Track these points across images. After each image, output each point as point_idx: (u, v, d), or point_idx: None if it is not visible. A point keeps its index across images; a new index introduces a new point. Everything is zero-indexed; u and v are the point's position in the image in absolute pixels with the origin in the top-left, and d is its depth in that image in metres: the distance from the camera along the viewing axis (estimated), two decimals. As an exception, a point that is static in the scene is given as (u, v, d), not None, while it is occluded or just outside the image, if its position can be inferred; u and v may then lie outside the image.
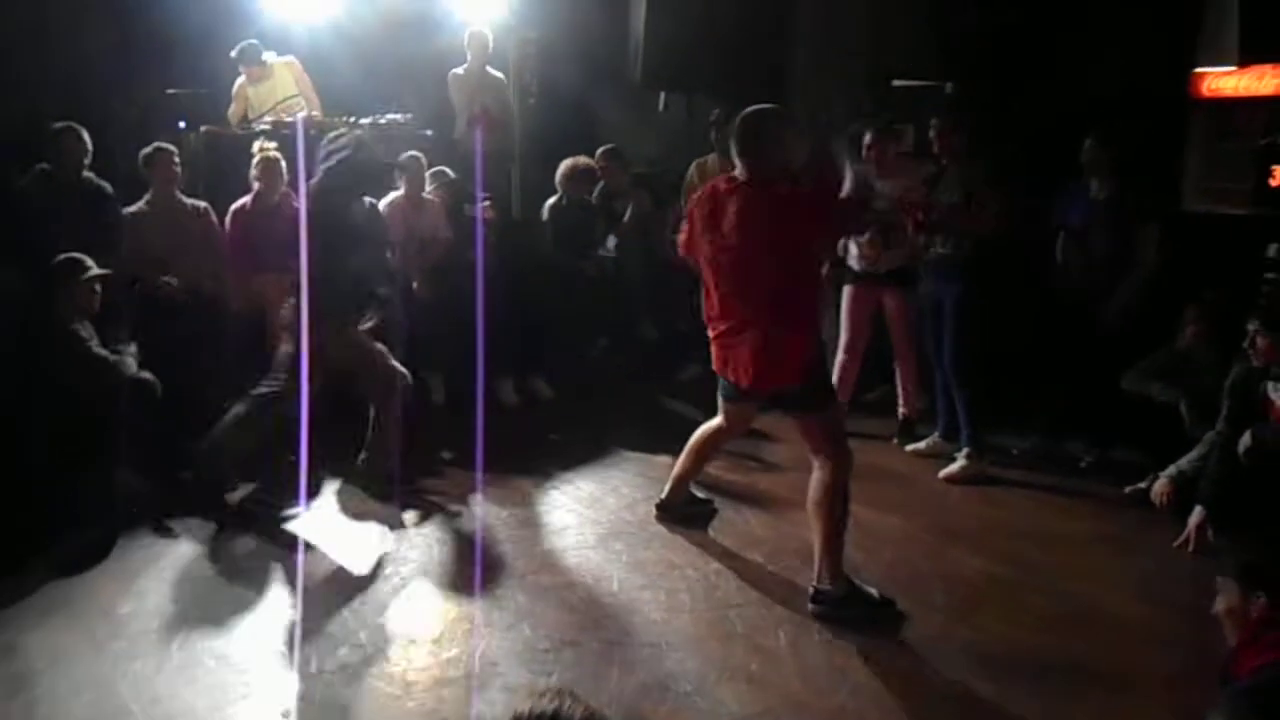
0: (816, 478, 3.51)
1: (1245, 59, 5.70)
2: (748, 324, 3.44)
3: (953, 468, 4.77)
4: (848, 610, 3.41)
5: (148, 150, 5.06)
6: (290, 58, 6.53)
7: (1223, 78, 6.43)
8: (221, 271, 5.14)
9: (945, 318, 4.79)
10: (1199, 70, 6.24)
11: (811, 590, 3.47)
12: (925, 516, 4.33)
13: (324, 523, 4.21)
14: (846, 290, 5.23)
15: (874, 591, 3.51)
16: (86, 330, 4.23)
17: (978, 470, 4.73)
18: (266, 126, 6.02)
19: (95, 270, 4.29)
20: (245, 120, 6.33)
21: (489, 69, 6.74)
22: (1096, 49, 6.11)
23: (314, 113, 6.37)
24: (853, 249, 5.20)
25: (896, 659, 3.19)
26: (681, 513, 4.20)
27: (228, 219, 5.19)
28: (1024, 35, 6.62)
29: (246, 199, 5.18)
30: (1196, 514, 3.92)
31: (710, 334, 3.62)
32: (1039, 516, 4.36)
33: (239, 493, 4.39)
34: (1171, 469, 4.19)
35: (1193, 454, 4.22)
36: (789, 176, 3.45)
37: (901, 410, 5.28)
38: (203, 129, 5.96)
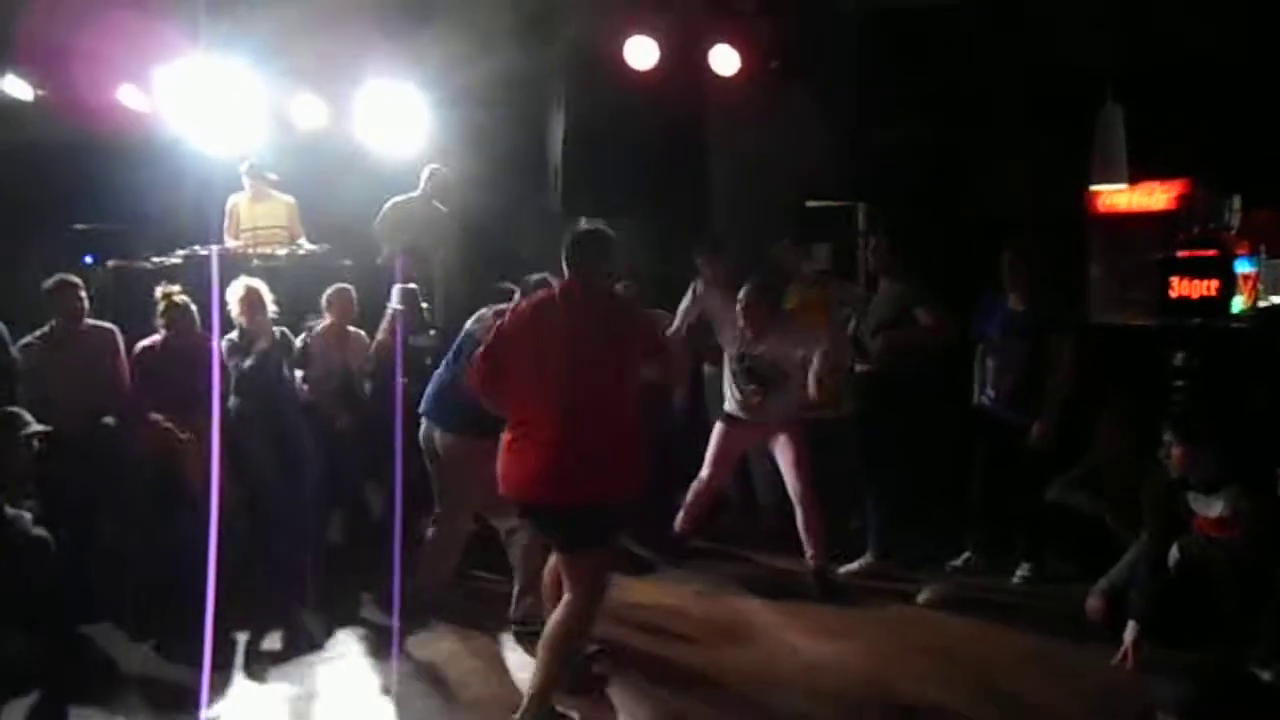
0: (562, 612, 3.39)
1: (1135, 177, 5.99)
2: (577, 435, 3.32)
3: (853, 565, 4.91)
4: None
5: (50, 283, 4.89)
6: (290, 198, 6.69)
7: (1116, 194, 6.77)
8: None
9: (869, 430, 4.78)
10: (1094, 188, 6.55)
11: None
12: (862, 641, 4.24)
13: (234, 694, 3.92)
14: (719, 427, 5.11)
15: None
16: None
17: (877, 569, 4.84)
18: (178, 260, 5.92)
19: (35, 427, 4.07)
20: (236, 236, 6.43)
21: (435, 203, 6.77)
22: (1001, 167, 6.37)
23: (298, 247, 6.43)
24: (728, 392, 5.06)
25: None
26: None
27: (133, 357, 4.99)
28: (931, 154, 6.92)
29: (155, 339, 5.01)
30: (1131, 629, 3.89)
31: (515, 444, 3.42)
32: (978, 637, 4.29)
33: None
34: (1102, 582, 4.20)
35: (1121, 563, 4.25)
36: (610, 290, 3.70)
37: (811, 560, 4.90)
38: (110, 263, 5.81)
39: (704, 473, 5.12)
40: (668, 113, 6.36)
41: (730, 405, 5.06)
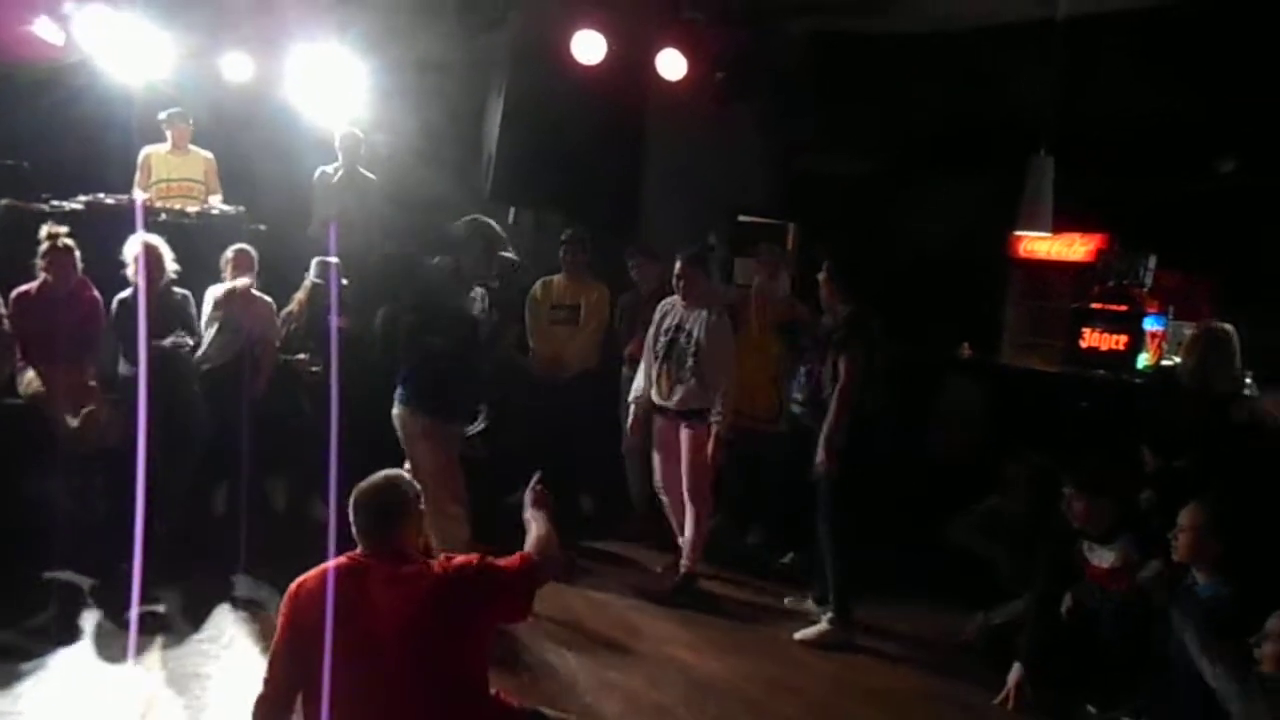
0: None
1: (1058, 227, 6.11)
2: None
3: (810, 631, 4.48)
4: None
5: None
6: (209, 154, 6.49)
7: (1037, 241, 6.92)
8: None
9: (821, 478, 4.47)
10: (1017, 233, 6.67)
11: None
12: (756, 665, 4.18)
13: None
14: (655, 422, 4.98)
15: None
16: None
17: (841, 638, 4.44)
18: (79, 206, 5.61)
19: None
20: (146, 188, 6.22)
21: (360, 169, 6.54)
22: (930, 205, 6.45)
23: (210, 207, 6.18)
24: (646, 382, 4.94)
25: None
26: None
27: (9, 301, 4.71)
28: (864, 184, 6.99)
29: (32, 285, 4.74)
30: (1016, 671, 3.92)
31: None
32: (868, 670, 4.26)
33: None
34: (981, 616, 4.35)
35: (1008, 606, 4.30)
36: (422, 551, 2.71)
37: (685, 562, 4.86)
38: (2, 202, 5.47)
39: (658, 479, 5.02)
40: (607, 111, 6.30)
41: (653, 394, 4.91)
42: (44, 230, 4.77)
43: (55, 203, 5.65)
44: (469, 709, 2.52)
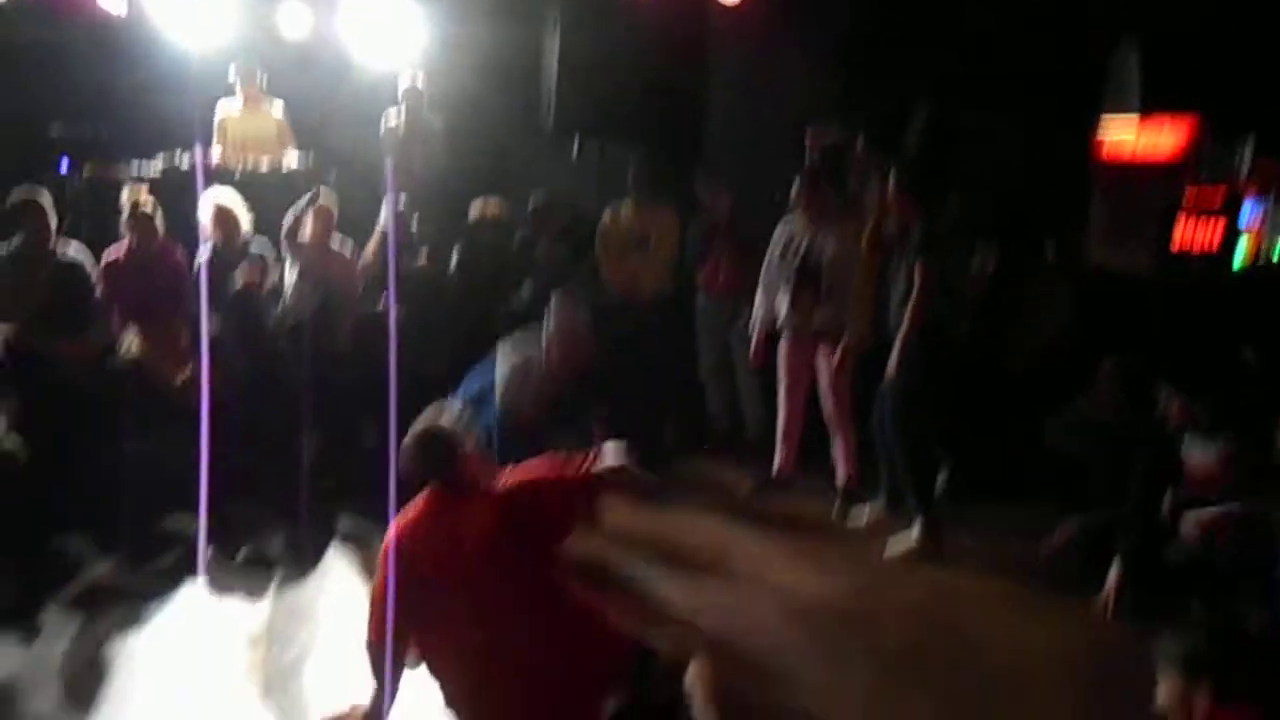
0: None
1: (1147, 109, 5.82)
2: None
3: (900, 543, 4.46)
4: None
5: (14, 200, 4.70)
6: (280, 109, 6.48)
7: (1123, 139, 6.61)
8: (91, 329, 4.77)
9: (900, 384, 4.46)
10: (1100, 136, 6.38)
11: None
12: (850, 579, 4.19)
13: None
14: (782, 341, 4.99)
15: None
16: None
17: (931, 548, 4.42)
18: (156, 175, 5.74)
19: None
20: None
21: (424, 114, 6.55)
22: (1005, 103, 6.20)
23: (283, 159, 6.25)
24: (781, 304, 4.91)
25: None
26: None
27: (99, 269, 4.86)
28: (935, 87, 6.73)
29: (119, 250, 4.88)
30: (1115, 573, 3.87)
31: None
32: (962, 578, 4.24)
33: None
34: (1073, 521, 4.23)
35: (1104, 511, 4.21)
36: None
37: (845, 477, 4.90)
38: (85, 174, 5.63)
39: (781, 388, 5.01)
40: (667, 36, 6.17)
41: (789, 316, 4.88)
42: (124, 195, 4.89)
43: (136, 166, 5.80)
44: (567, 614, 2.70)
